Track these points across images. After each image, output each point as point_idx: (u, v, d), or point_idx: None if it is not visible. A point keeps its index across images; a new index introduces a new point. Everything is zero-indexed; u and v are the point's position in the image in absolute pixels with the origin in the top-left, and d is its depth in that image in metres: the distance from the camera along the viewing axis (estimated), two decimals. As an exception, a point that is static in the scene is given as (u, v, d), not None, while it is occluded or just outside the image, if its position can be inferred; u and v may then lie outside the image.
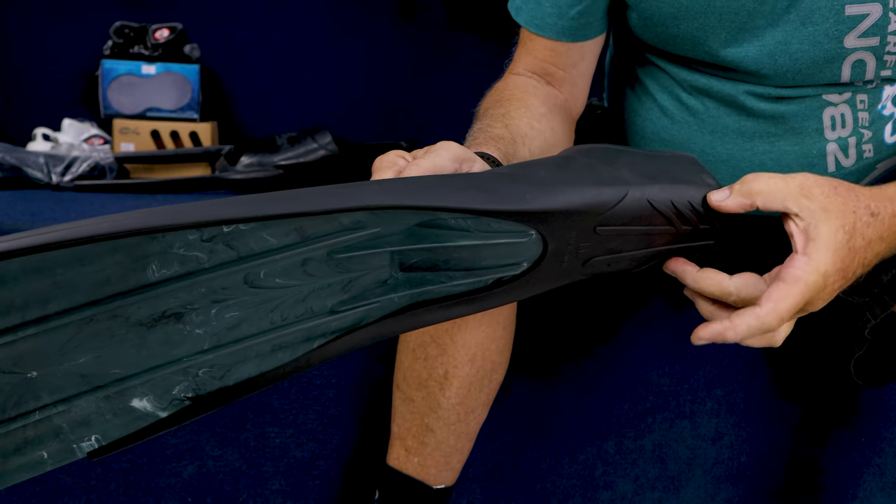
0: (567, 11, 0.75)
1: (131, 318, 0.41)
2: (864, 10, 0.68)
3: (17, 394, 0.40)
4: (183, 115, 1.39)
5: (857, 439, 0.96)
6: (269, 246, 0.43)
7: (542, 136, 0.70)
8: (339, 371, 0.95)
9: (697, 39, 0.72)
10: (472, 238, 0.48)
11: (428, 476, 0.80)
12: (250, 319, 0.44)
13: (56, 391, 0.41)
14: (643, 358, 0.95)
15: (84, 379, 0.42)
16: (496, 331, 0.76)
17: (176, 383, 0.44)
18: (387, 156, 0.53)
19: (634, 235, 0.51)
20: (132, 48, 1.39)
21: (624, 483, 0.96)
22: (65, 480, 0.94)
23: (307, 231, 0.44)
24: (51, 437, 0.42)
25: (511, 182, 0.49)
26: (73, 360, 0.41)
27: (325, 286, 0.46)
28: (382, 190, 0.45)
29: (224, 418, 0.95)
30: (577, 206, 0.48)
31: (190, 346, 0.43)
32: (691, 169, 0.54)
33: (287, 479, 0.95)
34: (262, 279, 0.43)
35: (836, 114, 0.74)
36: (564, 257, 0.50)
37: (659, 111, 0.79)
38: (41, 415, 0.41)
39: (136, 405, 0.43)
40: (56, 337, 0.40)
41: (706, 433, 0.96)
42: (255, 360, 0.45)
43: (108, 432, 0.43)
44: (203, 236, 0.41)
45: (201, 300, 0.42)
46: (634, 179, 0.51)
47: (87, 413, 0.42)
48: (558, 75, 0.78)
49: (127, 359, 0.42)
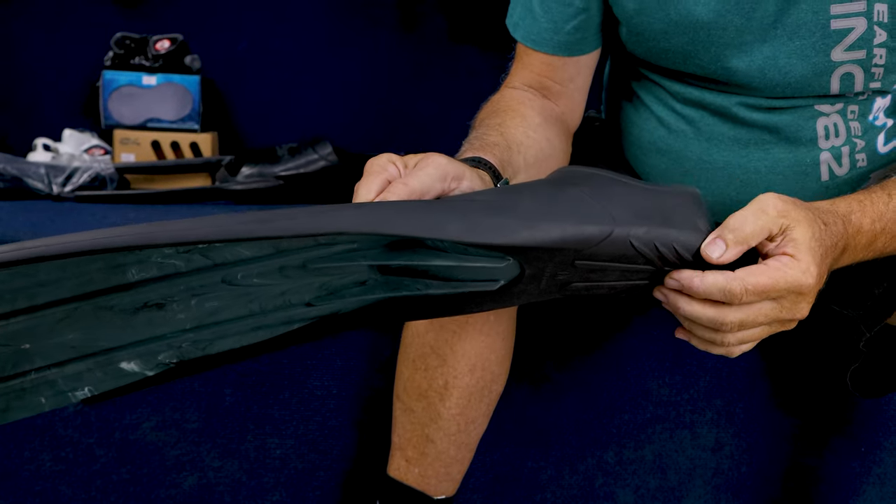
0: (563, 26, 0.76)
1: (115, 307, 0.44)
2: (850, 24, 0.69)
3: (13, 360, 0.43)
4: (183, 125, 1.40)
5: (857, 449, 0.96)
6: (244, 257, 0.45)
7: (538, 146, 0.70)
8: (339, 382, 0.95)
9: (688, 54, 0.73)
10: (449, 258, 0.48)
11: (428, 487, 0.80)
12: (229, 307, 0.46)
13: (49, 358, 0.44)
14: (643, 368, 0.95)
15: (74, 349, 0.44)
16: (496, 341, 0.76)
17: (161, 351, 0.46)
18: (378, 159, 0.53)
19: (613, 270, 0.51)
20: (133, 59, 1.40)
21: (624, 493, 0.96)
22: (65, 492, 0.94)
23: (283, 245, 0.45)
24: (47, 388, 0.45)
25: (492, 213, 0.48)
26: (63, 336, 0.43)
27: (303, 285, 0.47)
28: (359, 216, 0.45)
29: (224, 429, 0.95)
30: (556, 244, 0.48)
31: (172, 327, 0.46)
32: (688, 210, 0.53)
33: (287, 490, 0.95)
34: (240, 279, 0.45)
35: (829, 123, 0.75)
36: (541, 281, 0.50)
37: (655, 121, 0.80)
38: (37, 374, 0.44)
39: (124, 367, 0.46)
40: (45, 321, 0.43)
41: (706, 443, 0.96)
42: (236, 336, 0.48)
43: (100, 385, 0.46)
44: (179, 249, 0.43)
45: (181, 294, 0.45)
46: (622, 217, 0.50)
47: (80, 371, 0.45)
48: (555, 89, 0.79)
49: (113, 335, 0.45)
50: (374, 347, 0.96)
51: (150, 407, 0.95)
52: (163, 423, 0.95)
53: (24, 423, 0.94)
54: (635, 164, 0.85)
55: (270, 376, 0.96)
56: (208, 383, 0.96)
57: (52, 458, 0.94)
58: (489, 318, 0.75)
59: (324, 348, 0.97)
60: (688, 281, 0.51)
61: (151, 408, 0.95)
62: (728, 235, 0.52)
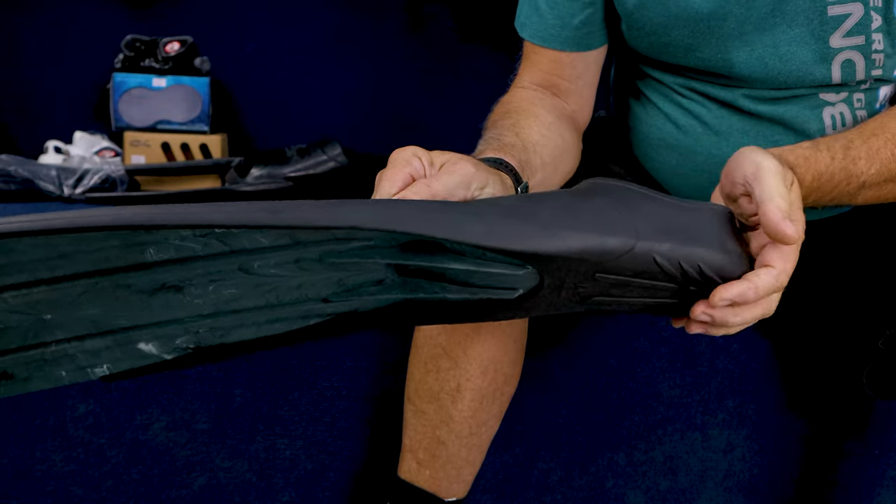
0: (570, 22, 0.76)
1: (133, 286, 0.44)
2: (847, 9, 0.70)
3: (35, 329, 0.45)
4: (193, 127, 1.40)
5: (871, 452, 0.96)
6: (260, 245, 0.45)
7: (553, 144, 0.70)
8: (349, 383, 0.95)
9: (689, 47, 0.73)
10: (467, 262, 0.47)
11: (439, 489, 0.79)
12: (247, 296, 0.46)
13: (69, 331, 0.45)
14: (654, 369, 0.95)
15: (94, 324, 0.45)
16: (508, 343, 0.76)
17: (178, 335, 0.47)
18: (404, 151, 0.52)
19: (637, 286, 0.49)
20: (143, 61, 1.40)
21: (635, 495, 0.95)
22: (76, 492, 0.94)
23: (299, 237, 0.45)
24: (67, 362, 0.46)
25: (512, 218, 0.47)
26: (83, 310, 0.44)
27: (319, 279, 0.47)
28: (377, 212, 0.45)
29: (234, 430, 0.95)
30: (575, 254, 0.47)
31: (190, 311, 0.46)
32: (717, 228, 0.50)
33: (297, 491, 0.95)
34: (256, 269, 0.46)
35: (836, 113, 0.75)
36: (561, 292, 0.49)
37: (663, 118, 0.80)
38: (57, 347, 0.45)
39: (142, 347, 0.47)
40: (65, 293, 0.44)
41: (717, 445, 0.95)
42: (253, 326, 0.48)
43: (118, 364, 0.47)
44: (196, 232, 0.43)
45: (198, 279, 0.45)
46: (646, 232, 0.48)
47: (99, 348, 0.46)
48: (563, 86, 0.79)
49: (132, 313, 0.45)
50: (384, 349, 0.96)
51: (161, 408, 0.95)
52: (173, 424, 0.95)
53: (36, 424, 0.95)
54: (645, 161, 0.84)
55: (280, 377, 0.96)
56: (218, 384, 0.96)
57: (63, 459, 0.94)
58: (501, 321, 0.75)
59: (333, 349, 0.97)
60: (742, 295, 0.49)
61: (162, 408, 0.95)
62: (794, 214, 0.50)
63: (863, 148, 0.63)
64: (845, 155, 0.61)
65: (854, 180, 0.62)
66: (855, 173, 0.62)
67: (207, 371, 0.97)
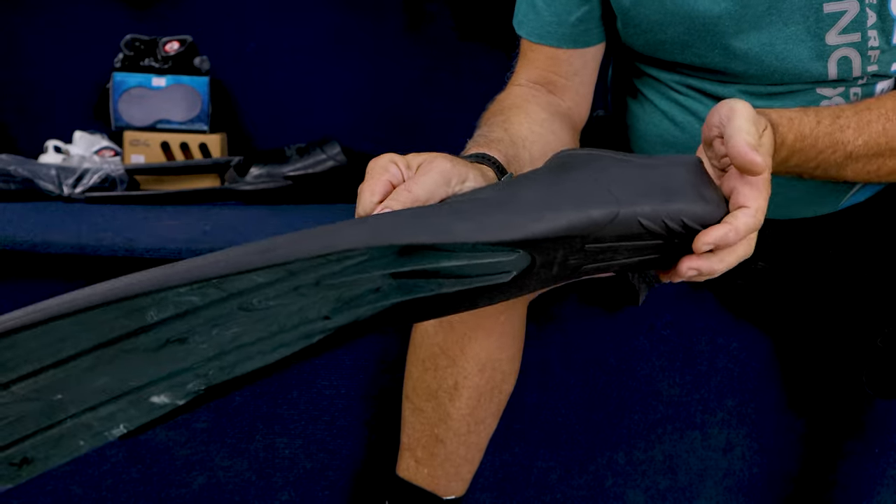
0: (566, 19, 0.76)
1: (139, 348, 0.45)
2: (842, 7, 0.70)
3: (48, 411, 0.45)
4: (193, 126, 1.40)
5: (870, 451, 0.95)
6: (257, 283, 0.45)
7: (543, 140, 0.70)
8: (347, 381, 0.95)
9: (685, 44, 0.73)
10: (459, 258, 0.48)
11: (438, 487, 0.79)
12: (250, 331, 0.47)
13: (82, 404, 0.46)
14: (653, 368, 0.95)
15: (105, 392, 0.46)
16: (506, 341, 0.76)
17: (188, 381, 0.48)
18: (380, 160, 0.53)
19: (625, 249, 0.50)
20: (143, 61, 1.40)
21: (634, 494, 0.95)
22: (76, 492, 0.94)
23: (294, 268, 0.46)
24: (84, 431, 0.47)
25: (497, 209, 0.48)
26: (93, 382, 0.45)
27: (318, 300, 0.48)
28: (366, 230, 0.46)
29: (233, 429, 0.95)
30: (562, 232, 0.48)
31: (197, 357, 0.47)
32: (692, 179, 0.52)
33: (296, 490, 0.95)
34: (256, 304, 0.46)
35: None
36: (553, 267, 0.50)
37: (661, 115, 0.80)
38: (72, 421, 0.46)
39: (154, 401, 0.48)
40: (73, 371, 0.44)
41: (717, 444, 0.95)
42: (259, 356, 0.49)
43: (134, 421, 0.48)
44: (193, 287, 0.44)
45: (201, 327, 0.46)
46: (626, 197, 0.50)
47: (113, 412, 0.47)
48: (560, 83, 0.79)
49: (141, 373, 0.46)
50: (382, 347, 0.96)
51: (160, 407, 0.95)
52: (172, 423, 0.95)
53: (35, 423, 0.95)
54: None
55: (279, 376, 0.96)
56: (218, 383, 0.96)
57: (62, 458, 0.94)
58: (499, 319, 0.75)
59: (333, 348, 0.97)
60: (723, 238, 0.50)
61: (161, 408, 0.95)
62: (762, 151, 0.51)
63: (853, 118, 0.62)
64: (833, 122, 0.61)
65: (840, 148, 0.62)
66: (841, 141, 0.62)
67: (206, 370, 0.97)
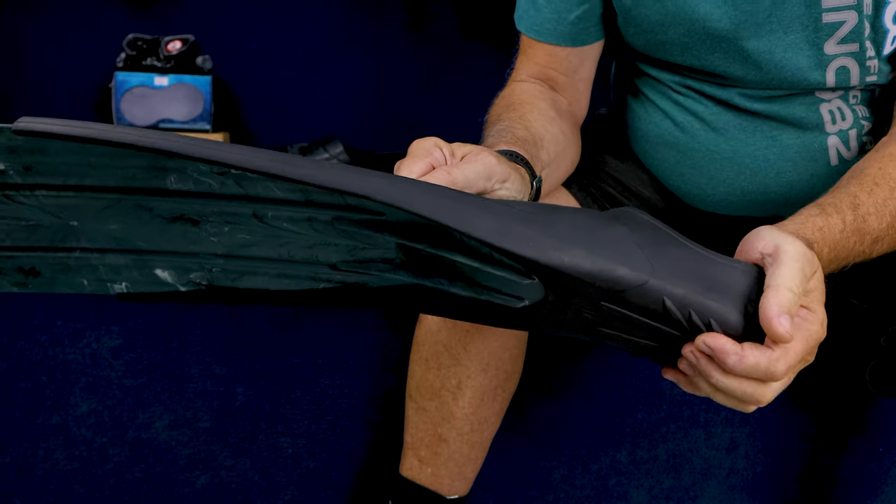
0: (566, 17, 0.76)
1: (154, 210, 0.48)
2: (841, 17, 0.69)
3: (62, 232, 0.48)
4: (195, 125, 1.40)
5: (875, 449, 0.95)
6: (274, 195, 0.46)
7: (555, 140, 0.70)
8: (351, 381, 0.95)
9: (685, 46, 0.73)
10: (475, 259, 0.47)
11: (441, 486, 0.79)
12: (260, 245, 0.48)
13: (92, 241, 0.49)
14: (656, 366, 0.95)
15: (115, 240, 0.49)
16: (509, 340, 0.76)
17: (193, 269, 0.49)
18: (424, 141, 0.52)
19: (640, 325, 0.46)
20: (145, 60, 1.40)
21: (638, 493, 0.95)
22: (79, 491, 0.94)
23: (312, 195, 0.46)
24: (89, 271, 0.49)
25: (525, 223, 0.46)
26: (107, 224, 0.48)
27: (331, 243, 0.48)
28: (390, 186, 0.45)
29: (236, 429, 0.95)
30: (582, 275, 0.45)
31: (205, 246, 0.49)
32: (745, 290, 0.46)
33: (300, 489, 0.95)
34: (270, 219, 0.47)
35: (833, 108, 0.75)
36: (566, 312, 0.47)
37: (661, 115, 0.80)
38: (81, 254, 0.49)
39: (158, 273, 0.50)
40: (92, 204, 0.47)
41: (721, 443, 0.95)
42: (264, 277, 0.49)
43: (136, 285, 0.50)
44: (213, 169, 0.45)
45: (215, 217, 0.48)
46: (662, 272, 0.45)
47: (119, 264, 0.49)
48: (560, 80, 0.79)
49: (151, 237, 0.48)
50: (386, 346, 0.96)
51: (163, 406, 0.95)
52: (175, 423, 0.95)
53: (38, 423, 0.95)
54: (644, 158, 0.84)
55: (282, 375, 0.96)
56: (220, 383, 0.96)
57: (66, 458, 0.94)
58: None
59: (335, 348, 0.97)
60: (723, 354, 0.45)
61: (164, 407, 0.95)
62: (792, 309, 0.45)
63: (869, 202, 0.59)
64: (855, 216, 0.58)
65: (867, 238, 0.59)
66: (867, 231, 0.58)
67: (210, 370, 0.97)
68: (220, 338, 0.99)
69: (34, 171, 0.46)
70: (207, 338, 0.99)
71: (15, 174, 0.46)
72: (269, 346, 0.98)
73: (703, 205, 0.81)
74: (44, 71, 1.49)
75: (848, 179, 0.61)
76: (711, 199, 0.80)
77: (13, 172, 0.46)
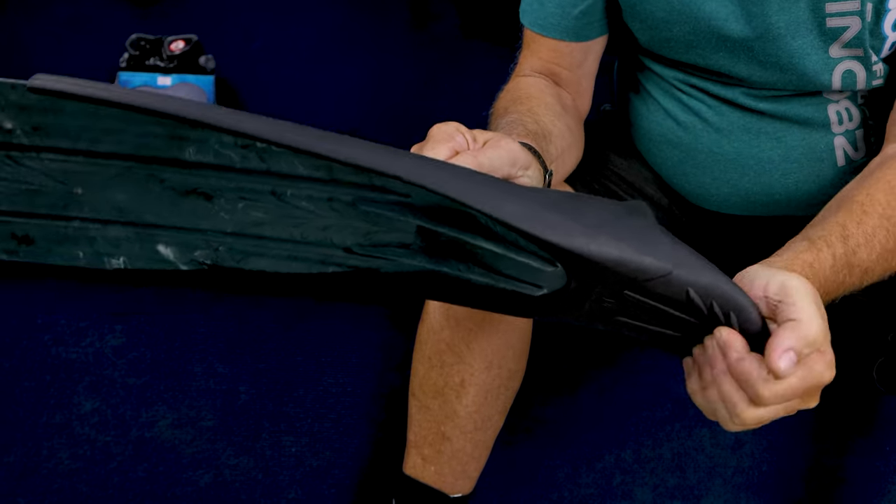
0: (570, 11, 0.76)
1: (165, 182, 0.45)
2: (845, 22, 0.69)
3: (64, 200, 0.45)
4: (198, 125, 1.40)
5: (881, 448, 0.95)
6: (297, 171, 0.45)
7: (562, 135, 0.70)
8: (354, 379, 0.95)
9: (690, 44, 0.73)
10: (498, 245, 0.46)
11: (445, 484, 0.79)
12: (272, 224, 0.46)
13: (95, 211, 0.46)
14: (661, 365, 0.94)
15: (120, 212, 0.46)
16: (513, 338, 0.76)
17: (197, 247, 0.47)
18: (446, 126, 0.51)
19: (661, 315, 0.46)
20: (148, 60, 1.41)
21: (642, 492, 0.95)
22: (82, 490, 0.94)
23: (336, 173, 0.44)
24: (86, 243, 0.47)
25: (554, 210, 0.45)
26: (113, 194, 0.46)
27: (347, 225, 0.46)
28: (420, 167, 0.44)
29: (240, 427, 0.95)
30: (609, 262, 0.45)
31: (214, 223, 0.46)
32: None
33: (303, 488, 0.95)
34: (288, 197, 0.45)
35: (841, 109, 0.74)
36: (586, 302, 0.47)
37: (664, 114, 0.79)
38: (80, 224, 0.46)
39: (160, 249, 0.47)
40: (100, 171, 0.45)
41: (726, 441, 0.95)
42: (272, 258, 0.48)
43: (134, 261, 0.47)
44: (237, 142, 0.43)
45: (230, 193, 0.45)
46: (689, 263, 0.45)
47: (119, 237, 0.47)
48: (563, 75, 0.78)
49: (158, 210, 0.46)
50: (389, 345, 0.96)
51: (166, 405, 0.95)
52: (178, 421, 0.95)
53: (42, 422, 0.95)
54: (647, 156, 0.84)
55: (285, 374, 0.96)
56: (223, 381, 0.96)
57: (69, 457, 0.94)
58: (506, 316, 0.75)
59: (339, 346, 0.97)
60: (728, 347, 0.45)
61: (167, 406, 0.95)
62: (804, 350, 0.45)
63: (859, 233, 0.58)
64: (845, 248, 0.56)
65: (856, 270, 0.57)
66: (856, 264, 0.57)
67: (213, 368, 0.97)
68: (224, 336, 0.99)
69: (43, 133, 0.43)
70: (210, 336, 0.99)
71: (22, 134, 0.43)
72: (273, 344, 0.98)
73: (707, 204, 0.81)
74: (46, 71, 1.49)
75: (837, 206, 0.60)
76: (715, 198, 0.79)
77: (21, 132, 0.43)
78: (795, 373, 0.45)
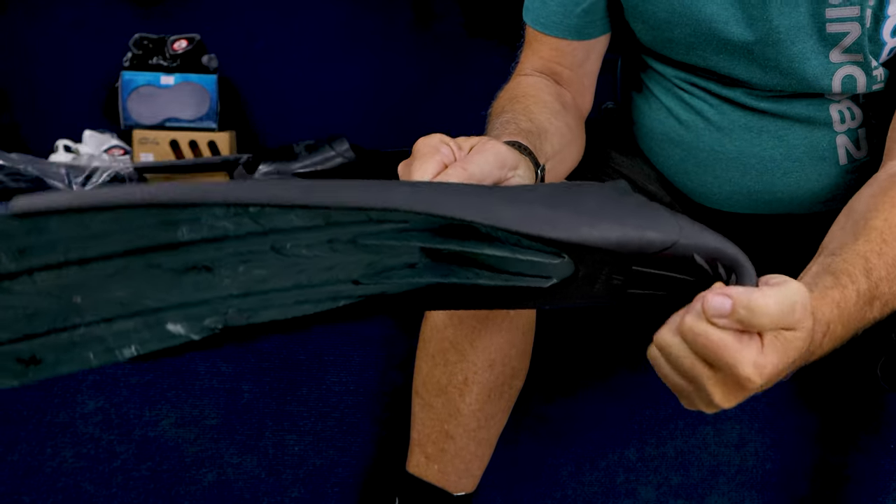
0: (572, 10, 0.76)
1: (163, 266, 0.44)
2: (844, 28, 0.69)
3: (64, 312, 0.44)
4: (201, 124, 1.40)
5: (886, 446, 0.94)
6: (293, 225, 0.44)
7: (560, 132, 0.70)
8: (357, 378, 0.95)
9: (691, 45, 0.73)
10: (502, 249, 0.47)
11: (448, 483, 0.79)
12: (277, 276, 0.46)
13: (98, 313, 0.45)
14: (664, 363, 0.94)
15: (123, 306, 0.45)
16: (516, 336, 0.76)
17: (207, 315, 0.47)
18: (430, 139, 0.52)
19: (670, 281, 0.48)
20: (151, 59, 1.41)
21: (646, 490, 0.95)
22: (86, 488, 0.94)
23: (333, 217, 0.44)
24: (95, 344, 0.46)
25: (551, 206, 0.46)
26: (113, 292, 0.44)
27: (351, 261, 0.46)
28: (414, 194, 0.44)
29: (243, 426, 0.95)
30: (614, 246, 0.46)
31: (219, 291, 0.46)
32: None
33: (306, 487, 0.95)
34: (288, 249, 0.45)
35: (843, 108, 0.74)
36: (596, 283, 0.48)
37: (666, 112, 0.79)
38: (86, 329, 0.45)
39: (170, 328, 0.46)
40: (95, 274, 0.43)
41: (729, 440, 0.95)
42: (282, 307, 0.47)
43: (146, 345, 0.47)
44: (229, 211, 0.43)
45: (229, 259, 0.45)
46: (690, 230, 0.47)
47: (127, 329, 0.46)
48: (565, 74, 0.78)
49: (161, 294, 0.45)
50: (392, 343, 0.96)
51: (170, 404, 0.95)
52: (182, 420, 0.95)
53: (46, 420, 0.95)
54: (650, 154, 0.84)
55: (288, 373, 0.96)
56: (226, 380, 0.96)
57: (73, 455, 0.94)
58: (509, 313, 0.75)
59: (341, 345, 0.97)
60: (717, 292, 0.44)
61: (171, 405, 0.95)
62: (741, 311, 0.43)
63: (881, 265, 0.57)
64: (869, 283, 0.56)
65: (876, 304, 0.57)
66: (878, 296, 0.57)
67: (216, 367, 0.97)
68: (227, 335, 0.99)
69: (29, 254, 0.41)
70: (214, 335, 0.98)
71: (8, 261, 0.41)
72: (275, 343, 0.98)
73: (710, 202, 0.80)
74: (50, 71, 1.50)
75: (854, 234, 0.58)
76: (717, 197, 0.79)
77: (6, 260, 0.41)
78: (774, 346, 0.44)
